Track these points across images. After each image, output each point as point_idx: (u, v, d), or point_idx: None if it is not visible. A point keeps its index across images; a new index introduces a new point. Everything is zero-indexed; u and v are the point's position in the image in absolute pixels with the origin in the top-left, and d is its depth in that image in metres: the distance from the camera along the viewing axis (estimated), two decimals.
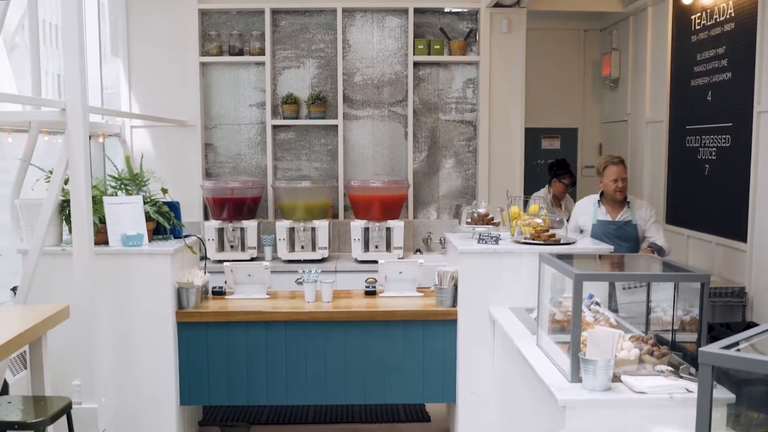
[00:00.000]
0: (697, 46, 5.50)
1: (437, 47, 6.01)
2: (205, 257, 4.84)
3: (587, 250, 4.10)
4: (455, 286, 4.17)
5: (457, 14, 6.10)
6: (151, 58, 5.94)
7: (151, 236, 4.15)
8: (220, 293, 4.45)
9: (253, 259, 5.53)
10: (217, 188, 5.62)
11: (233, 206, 5.60)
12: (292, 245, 5.61)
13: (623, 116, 6.96)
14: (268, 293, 4.44)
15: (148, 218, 4.10)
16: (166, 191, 4.38)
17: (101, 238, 4.01)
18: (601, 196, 4.91)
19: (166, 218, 4.21)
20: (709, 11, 5.31)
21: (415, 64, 6.03)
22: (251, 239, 5.61)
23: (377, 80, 6.08)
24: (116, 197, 4.14)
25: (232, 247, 5.64)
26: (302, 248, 5.60)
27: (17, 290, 3.73)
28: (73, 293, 3.67)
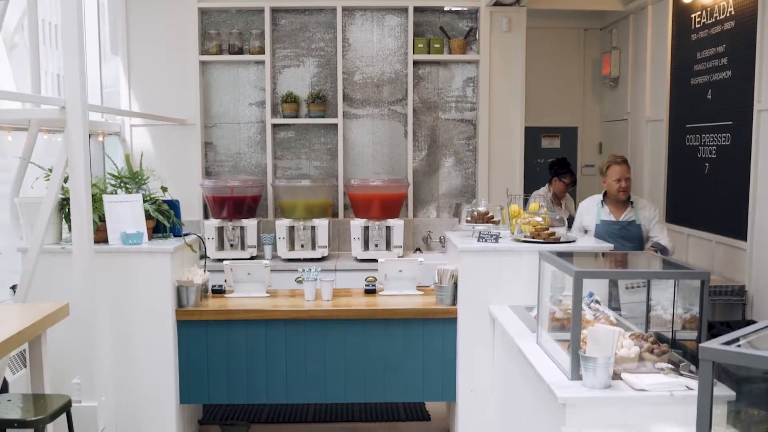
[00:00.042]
0: (697, 44, 5.50)
1: (437, 46, 6.00)
2: (204, 256, 4.84)
3: (587, 248, 4.10)
4: (455, 284, 4.17)
5: (456, 13, 6.10)
6: (150, 56, 5.94)
7: (150, 234, 4.15)
8: (219, 292, 4.45)
9: (252, 257, 5.53)
10: (216, 187, 5.62)
11: (233, 205, 5.60)
12: (291, 244, 5.60)
13: (623, 115, 6.96)
14: (267, 292, 4.43)
15: (147, 216, 4.10)
16: (165, 189, 4.38)
17: (101, 236, 4.00)
18: (604, 196, 4.87)
19: (165, 216, 4.20)
20: (709, 10, 5.30)
21: (414, 62, 6.03)
22: (251, 238, 5.60)
23: (377, 79, 6.08)
24: (116, 195, 4.14)
25: (231, 245, 5.63)
26: (302, 247, 5.60)
27: (17, 289, 3.73)
28: (72, 291, 3.66)
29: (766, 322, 2.10)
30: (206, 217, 5.91)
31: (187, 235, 4.36)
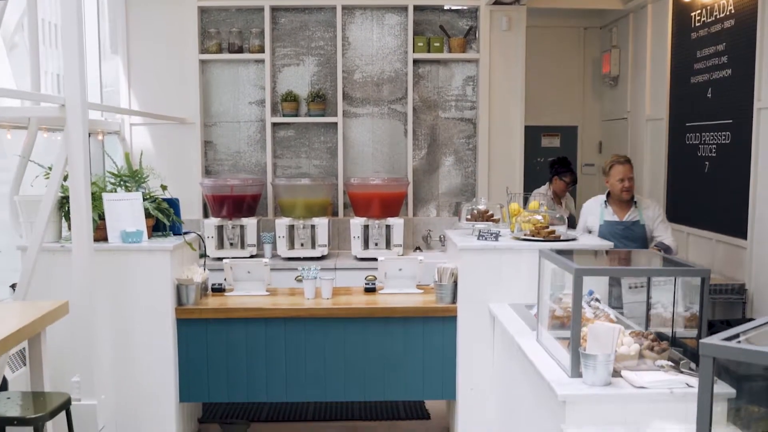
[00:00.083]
0: (697, 43, 5.50)
1: (437, 45, 6.00)
2: (204, 255, 4.84)
3: (587, 246, 4.09)
4: (455, 282, 4.16)
5: (456, 11, 6.10)
6: (150, 55, 5.94)
7: (150, 233, 4.15)
8: (219, 290, 4.44)
9: (252, 256, 5.52)
10: (216, 186, 5.61)
11: (233, 204, 5.60)
12: (291, 243, 5.60)
13: (623, 114, 6.95)
14: (267, 290, 4.43)
15: (147, 215, 4.10)
16: (165, 188, 4.37)
17: (100, 234, 4.00)
18: (607, 196, 4.81)
19: (165, 215, 4.20)
20: (709, 8, 5.30)
21: (414, 61, 6.02)
22: (251, 237, 5.60)
23: (377, 78, 6.07)
24: (115, 194, 4.14)
25: (231, 244, 5.63)
26: (302, 246, 5.59)
27: (16, 287, 3.72)
28: (72, 290, 3.66)
29: (765, 318, 2.10)
30: (206, 216, 5.91)
31: (186, 233, 4.36)
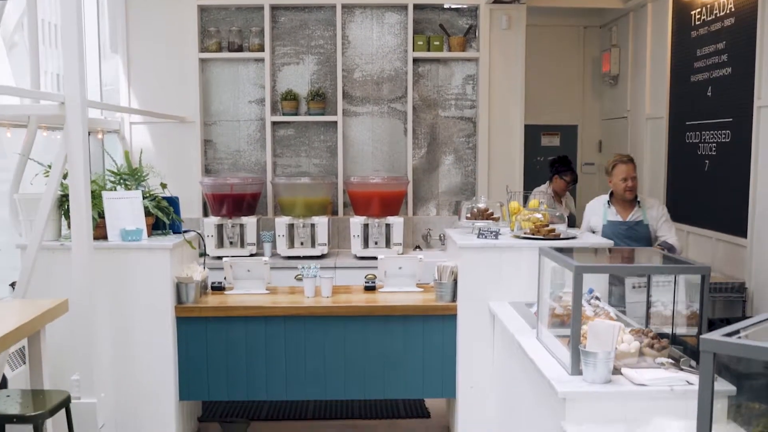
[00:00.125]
0: (697, 41, 5.50)
1: (437, 43, 6.00)
2: (204, 253, 4.83)
3: (587, 244, 4.09)
4: (455, 280, 4.16)
5: (456, 10, 6.09)
6: (150, 54, 5.93)
7: (150, 231, 4.14)
8: (219, 288, 4.44)
9: (252, 255, 5.52)
10: (216, 185, 5.61)
11: (232, 203, 5.59)
12: (291, 242, 5.59)
13: (623, 113, 6.95)
14: (267, 289, 4.43)
15: (147, 213, 4.09)
16: (165, 186, 4.37)
17: (100, 232, 4.00)
18: (611, 196, 4.77)
19: (165, 213, 4.20)
20: (708, 7, 5.30)
21: (414, 60, 6.02)
22: (250, 236, 5.60)
23: (377, 77, 6.07)
24: (115, 192, 4.13)
25: (231, 243, 5.63)
26: (301, 245, 5.59)
27: (16, 285, 3.72)
28: (72, 288, 3.65)
29: (766, 315, 2.09)
30: (206, 214, 5.91)
31: (186, 231, 4.36)
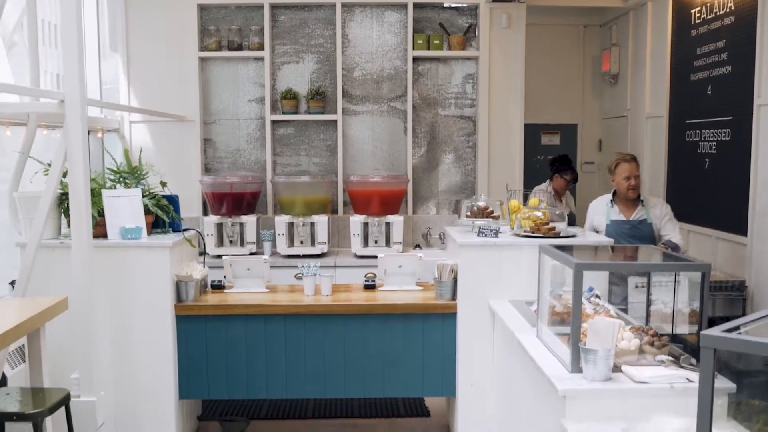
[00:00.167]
0: (696, 40, 5.50)
1: (436, 42, 5.99)
2: (204, 252, 4.83)
3: (587, 242, 4.09)
4: (455, 279, 4.16)
5: (456, 9, 6.09)
6: (150, 53, 5.93)
7: (150, 229, 4.14)
8: (219, 287, 4.44)
9: (252, 254, 5.52)
10: (216, 183, 5.61)
11: (232, 201, 5.59)
12: (291, 240, 5.59)
13: (623, 112, 6.95)
14: (267, 287, 4.43)
15: (146, 211, 4.09)
16: (165, 184, 4.37)
17: (100, 231, 3.99)
18: (614, 195, 4.74)
19: (165, 211, 4.19)
20: (708, 5, 5.30)
21: (414, 59, 6.02)
22: (250, 234, 5.59)
23: (376, 75, 6.07)
24: (115, 190, 4.13)
25: (231, 242, 5.62)
26: (301, 243, 5.59)
27: (15, 283, 3.72)
28: (71, 286, 3.66)
29: (766, 311, 2.09)
30: (205, 213, 5.90)
31: (186, 230, 4.36)
